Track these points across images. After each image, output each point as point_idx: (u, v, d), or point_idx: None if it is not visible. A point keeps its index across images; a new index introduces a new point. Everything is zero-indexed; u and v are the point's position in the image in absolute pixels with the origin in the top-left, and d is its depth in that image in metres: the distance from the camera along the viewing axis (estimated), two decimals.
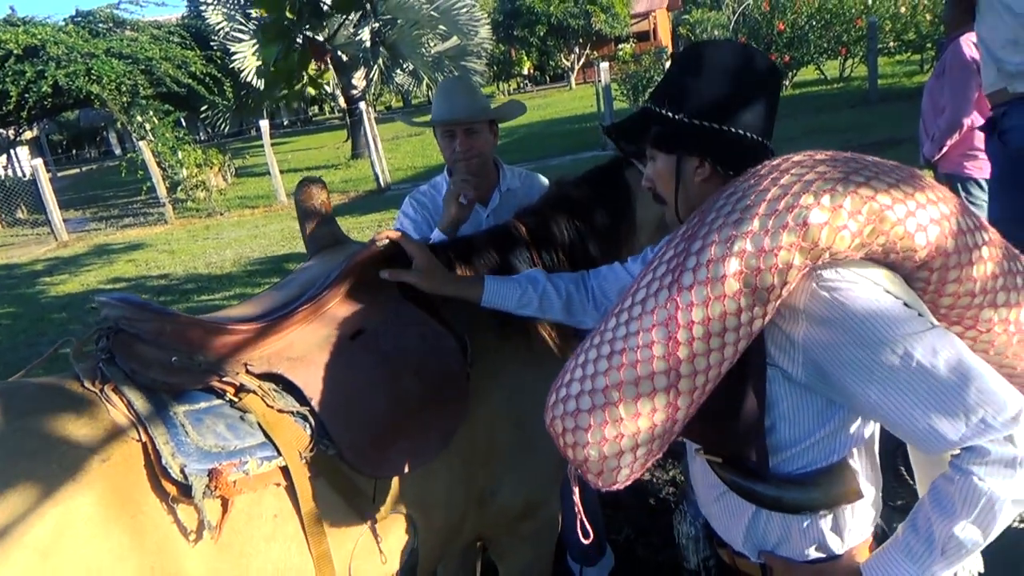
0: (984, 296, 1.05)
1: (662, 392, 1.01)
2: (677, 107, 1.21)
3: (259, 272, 7.99)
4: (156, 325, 1.37)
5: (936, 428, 0.95)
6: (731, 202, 1.02)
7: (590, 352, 1.08)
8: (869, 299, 0.99)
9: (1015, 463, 0.92)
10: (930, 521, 0.98)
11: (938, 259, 1.01)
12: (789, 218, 0.95)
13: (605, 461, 1.05)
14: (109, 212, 15.68)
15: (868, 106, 12.72)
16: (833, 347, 1.01)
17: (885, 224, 0.97)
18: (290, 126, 36.01)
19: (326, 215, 1.76)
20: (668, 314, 1.00)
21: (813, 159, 1.04)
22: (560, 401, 1.09)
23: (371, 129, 13.50)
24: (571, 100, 24.94)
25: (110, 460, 1.21)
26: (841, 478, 1.14)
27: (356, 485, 1.46)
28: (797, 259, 0.96)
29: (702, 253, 0.99)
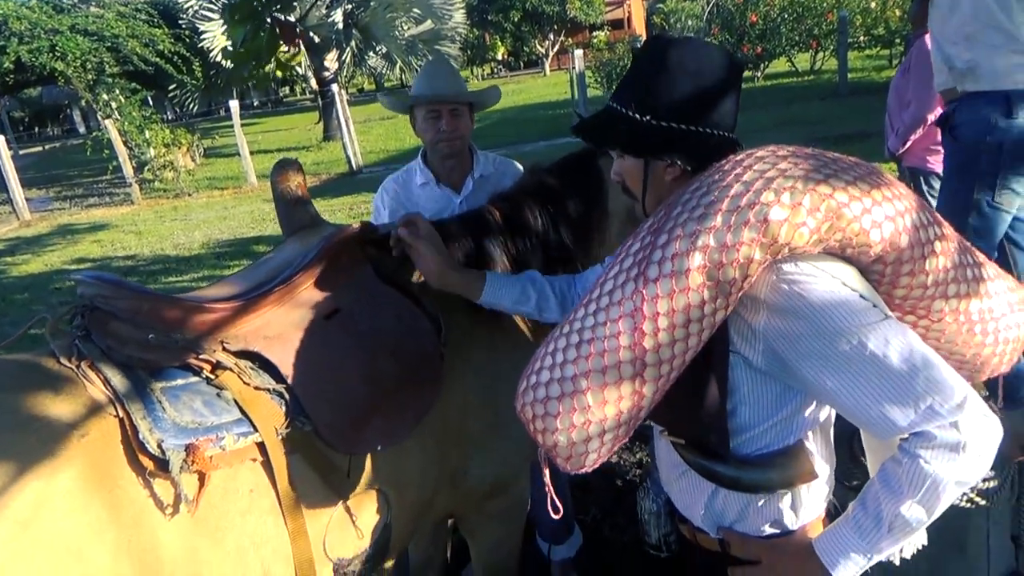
0: (936, 288, 1.11)
1: (628, 381, 1.06)
2: (643, 108, 1.22)
3: (228, 254, 7.91)
4: (132, 303, 1.38)
5: (887, 415, 1.00)
6: (695, 197, 1.06)
7: (559, 341, 1.12)
8: (826, 291, 1.04)
9: (959, 447, 0.97)
10: (879, 500, 1.03)
11: (892, 253, 1.06)
12: (751, 215, 1.00)
13: (574, 446, 1.11)
14: (73, 191, 15.36)
15: (838, 99, 12.90)
16: (791, 337, 1.06)
17: (842, 221, 1.02)
18: (260, 107, 35.48)
19: (302, 197, 1.78)
20: (634, 306, 1.04)
21: (775, 155, 1.08)
22: (531, 388, 1.14)
23: (343, 111, 13.38)
24: (545, 87, 24.92)
25: (88, 435, 1.23)
26: (797, 459, 1.19)
27: (331, 461, 1.49)
28: (758, 254, 1.01)
29: (667, 247, 1.04)
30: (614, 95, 1.29)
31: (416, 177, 2.36)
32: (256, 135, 21.04)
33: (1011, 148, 2.20)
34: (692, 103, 1.21)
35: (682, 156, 1.22)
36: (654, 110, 1.21)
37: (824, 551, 1.10)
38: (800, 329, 1.05)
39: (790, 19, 16.08)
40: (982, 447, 0.98)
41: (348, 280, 1.62)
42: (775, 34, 16.19)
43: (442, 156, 2.28)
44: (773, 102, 13.57)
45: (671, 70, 1.21)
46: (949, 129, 2.35)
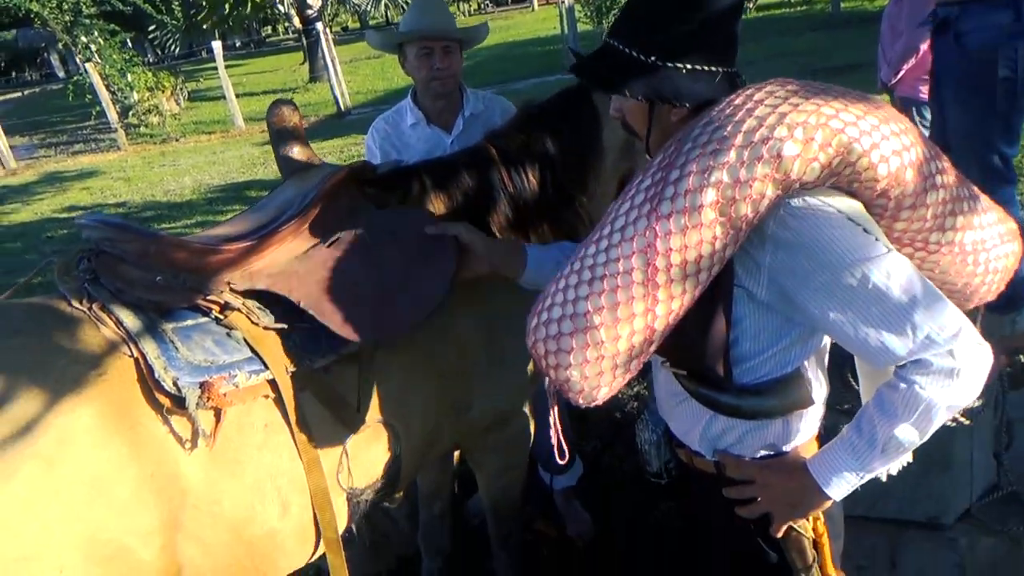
0: (934, 221, 1.14)
1: (640, 315, 1.07)
2: (646, 48, 1.18)
3: (220, 200, 7.87)
4: (139, 245, 1.40)
5: (886, 344, 1.04)
6: (707, 132, 1.06)
7: (571, 277, 1.13)
8: (832, 226, 1.06)
9: (953, 373, 1.01)
10: (873, 423, 1.07)
11: (896, 188, 1.08)
12: (764, 150, 1.00)
13: (586, 380, 1.12)
14: (58, 138, 15.12)
15: (830, 29, 12.70)
16: (797, 270, 1.08)
17: (852, 155, 1.03)
18: (243, 47, 34.63)
19: (299, 136, 1.78)
20: (647, 241, 1.05)
21: (786, 89, 1.07)
22: (542, 324, 1.14)
23: (329, 51, 13.12)
24: (534, 22, 24.37)
25: (106, 374, 1.27)
26: (795, 387, 1.22)
27: (341, 396, 1.54)
28: (770, 190, 1.02)
29: (680, 183, 1.04)
30: (612, 32, 1.25)
31: (407, 117, 2.35)
32: (240, 77, 20.61)
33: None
34: (697, 40, 1.17)
35: (688, 97, 1.18)
36: (658, 49, 1.17)
37: (818, 470, 1.14)
38: (806, 263, 1.07)
39: None
40: (975, 373, 1.02)
41: (349, 215, 1.63)
42: None
43: (435, 95, 2.27)
44: (765, 34, 13.35)
45: (673, 6, 1.18)
46: (954, 37, 2.30)
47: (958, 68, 2.37)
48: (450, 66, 2.21)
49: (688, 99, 1.18)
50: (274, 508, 1.45)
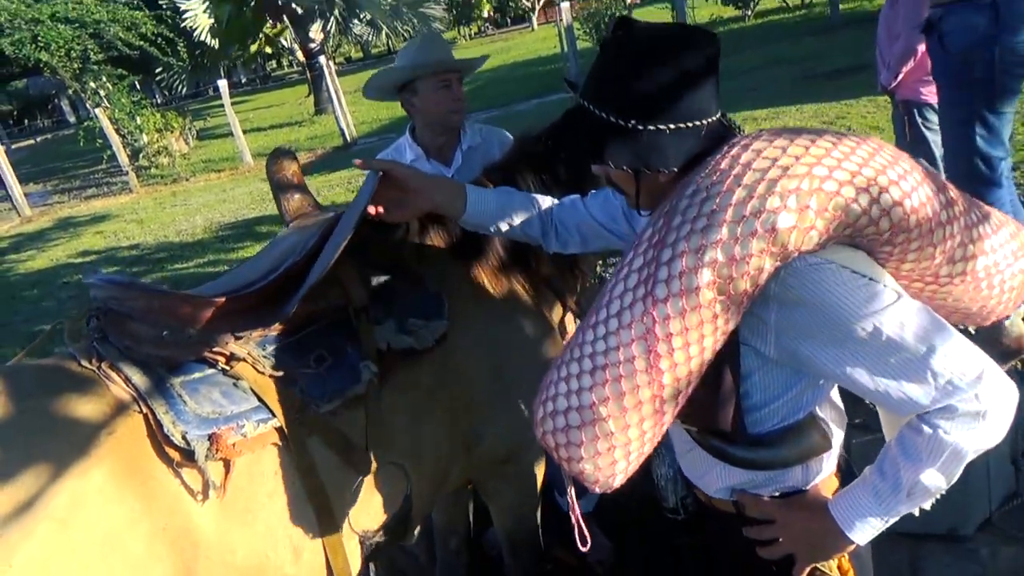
0: (944, 256, 1.10)
1: (648, 402, 1.04)
2: (622, 111, 1.12)
3: (231, 237, 7.95)
4: (145, 302, 1.43)
5: (908, 395, 1.00)
6: (696, 204, 1.02)
7: (571, 366, 1.09)
8: (836, 282, 1.02)
9: (979, 416, 0.97)
10: (897, 467, 1.03)
11: (901, 235, 1.04)
12: (758, 224, 0.96)
13: (600, 471, 1.09)
14: (71, 183, 15.36)
15: (830, 32, 12.72)
16: (805, 329, 1.05)
17: (850, 216, 0.99)
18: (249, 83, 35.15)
19: (299, 185, 1.81)
20: (646, 328, 1.01)
21: (774, 146, 1.02)
22: (548, 416, 1.11)
23: (333, 83, 13.28)
24: (534, 42, 24.57)
25: (116, 433, 1.29)
26: (808, 434, 1.19)
27: (349, 439, 1.55)
28: (768, 263, 0.99)
29: (673, 264, 1.00)
30: (585, 93, 1.18)
31: (406, 154, 2.38)
32: (247, 113, 20.89)
33: (1003, 53, 2.18)
34: (676, 98, 1.11)
35: (675, 159, 1.13)
36: (636, 112, 1.11)
37: (840, 514, 1.11)
38: (813, 321, 1.03)
39: None
40: (1002, 413, 0.99)
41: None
42: None
43: (450, 128, 2.27)
44: (764, 40, 13.42)
45: (650, 62, 1.11)
46: (938, 37, 2.33)
47: (943, 69, 2.40)
48: (463, 97, 2.23)
49: (675, 162, 1.13)
50: (286, 555, 1.46)
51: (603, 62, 1.17)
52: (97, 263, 8.00)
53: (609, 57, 1.16)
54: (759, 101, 8.48)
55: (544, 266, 1.93)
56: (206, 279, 6.43)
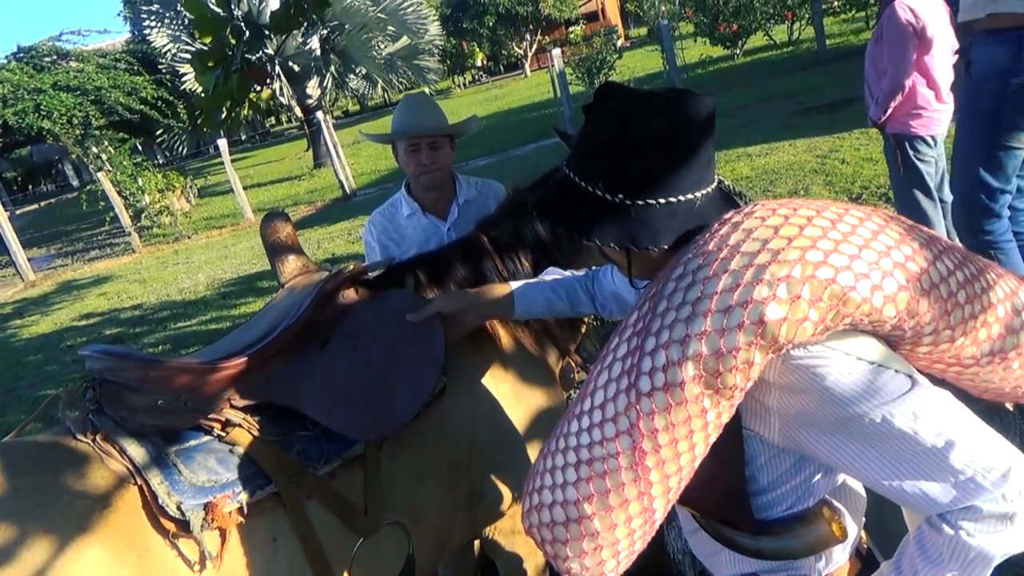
0: (964, 338, 1.00)
1: (635, 500, 0.98)
2: (610, 185, 1.06)
3: (233, 293, 7.98)
4: (139, 372, 1.43)
5: (926, 493, 0.91)
6: (681, 289, 0.94)
7: (556, 457, 1.04)
8: (841, 372, 0.94)
9: (1007, 519, 0.88)
10: (915, 568, 0.95)
11: (910, 320, 0.95)
12: (744, 316, 0.88)
13: (588, 571, 1.04)
14: (74, 246, 15.49)
15: (818, 67, 12.91)
16: (808, 419, 0.98)
17: (849, 306, 0.90)
18: (248, 140, 35.66)
19: (293, 246, 1.82)
20: (630, 422, 0.95)
21: (764, 224, 0.94)
22: (534, 509, 1.07)
23: (331, 137, 13.48)
24: (528, 88, 24.97)
25: (111, 506, 1.28)
26: (819, 523, 1.10)
27: (348, 501, 1.54)
28: (758, 357, 0.90)
29: (656, 355, 0.93)
30: (572, 163, 1.13)
31: (402, 208, 2.41)
32: (247, 169, 21.16)
33: (1017, 88, 2.18)
34: (669, 171, 1.04)
35: (666, 237, 1.05)
36: (625, 186, 1.05)
37: None
38: (817, 412, 0.96)
39: None
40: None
41: (342, 316, 1.67)
42: (749, 10, 16.23)
43: (425, 188, 2.33)
44: (754, 78, 13.61)
45: (637, 136, 1.05)
46: (966, 64, 2.42)
47: (965, 94, 2.47)
48: (436, 160, 2.28)
49: (666, 239, 1.06)
50: None
51: (589, 132, 1.11)
52: (100, 325, 8.02)
53: (594, 127, 1.10)
54: (753, 137, 8.57)
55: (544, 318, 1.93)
56: (209, 336, 6.43)
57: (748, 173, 7.00)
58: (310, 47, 17.12)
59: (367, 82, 19.64)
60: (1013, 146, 2.31)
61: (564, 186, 1.13)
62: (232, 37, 2.87)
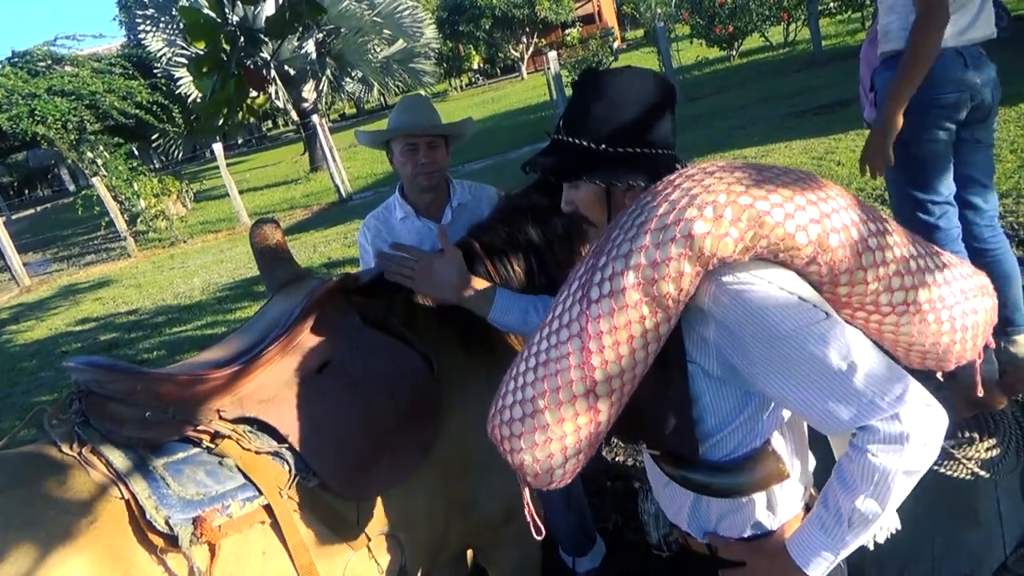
0: (880, 283, 1.13)
1: (581, 398, 1.12)
2: (597, 137, 1.29)
3: (229, 298, 7.95)
4: (126, 384, 1.41)
5: (831, 411, 1.04)
6: (631, 219, 1.13)
7: (520, 365, 1.20)
8: (765, 297, 1.08)
9: (903, 439, 1.00)
10: (836, 497, 1.07)
11: (824, 255, 1.09)
12: (676, 231, 1.05)
13: (538, 463, 1.18)
14: (70, 251, 15.44)
15: (814, 68, 12.92)
16: (738, 344, 1.10)
17: (764, 228, 1.05)
18: (245, 144, 35.59)
19: (283, 253, 1.80)
20: (580, 327, 1.11)
21: (703, 171, 1.13)
22: (498, 412, 1.22)
23: (327, 141, 13.46)
24: (524, 91, 24.97)
25: (97, 521, 1.26)
26: (765, 462, 1.22)
27: (339, 513, 1.52)
28: (687, 267, 1.06)
29: (605, 268, 1.11)
30: (560, 128, 1.36)
31: (396, 212, 2.39)
32: (243, 173, 21.14)
33: (914, 106, 2.28)
34: (641, 126, 1.29)
35: (641, 176, 1.28)
36: (609, 138, 1.29)
37: (796, 551, 1.13)
38: (744, 336, 1.09)
39: None
40: (926, 436, 1.01)
41: (336, 331, 1.64)
42: (745, 11, 16.24)
43: (421, 189, 2.31)
44: (750, 79, 13.62)
45: (616, 99, 1.29)
46: (874, 95, 2.47)
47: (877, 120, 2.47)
48: (434, 160, 2.26)
49: (639, 176, 1.28)
50: None
51: (575, 101, 1.34)
52: (96, 331, 7.99)
53: (580, 96, 1.33)
54: (749, 138, 8.57)
55: None
56: (205, 341, 6.40)
57: None
58: (306, 51, 17.09)
59: (363, 85, 19.61)
60: (927, 158, 2.36)
61: (552, 147, 1.36)
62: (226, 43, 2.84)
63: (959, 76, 2.29)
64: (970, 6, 2.29)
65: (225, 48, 3.06)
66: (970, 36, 2.30)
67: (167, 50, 17.12)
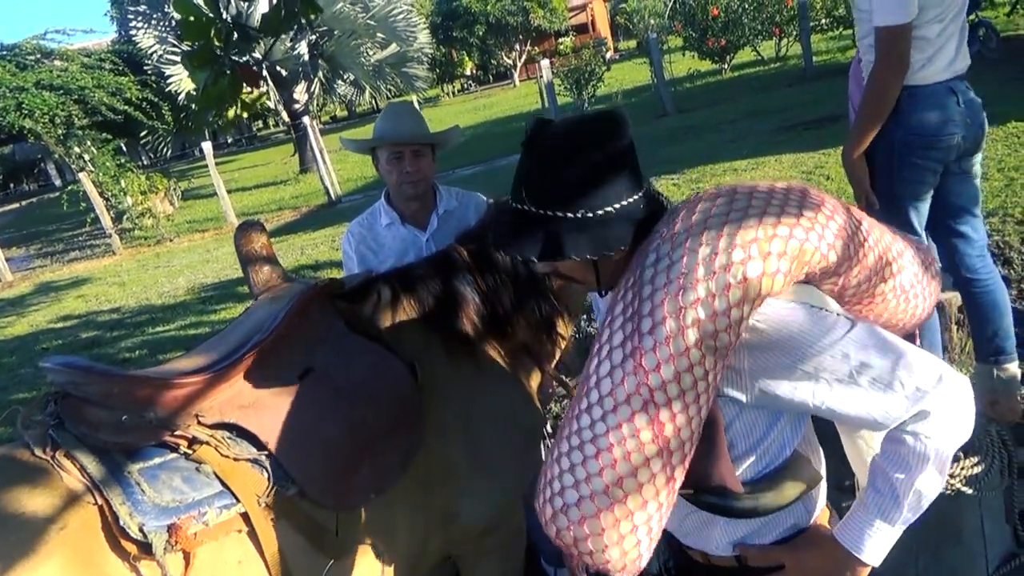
0: (876, 275, 1.18)
1: (660, 471, 1.04)
2: (572, 204, 1.12)
3: (214, 298, 7.87)
4: (103, 386, 1.38)
5: (885, 409, 1.05)
6: (662, 271, 1.03)
7: (573, 455, 1.06)
8: (798, 318, 1.08)
9: (950, 413, 1.05)
10: (891, 481, 1.09)
11: (844, 264, 1.12)
12: (729, 278, 0.99)
13: (626, 555, 1.07)
14: (54, 247, 15.27)
15: (805, 83, 12.99)
16: (778, 368, 1.08)
17: (806, 255, 1.05)
18: (235, 144, 35.42)
19: (268, 257, 1.78)
20: (644, 399, 1.01)
21: (716, 205, 1.07)
22: (559, 513, 1.08)
23: (317, 142, 13.40)
24: (516, 98, 24.98)
25: (68, 527, 1.22)
26: (800, 469, 1.23)
27: (318, 522, 1.49)
28: (746, 310, 1.02)
29: (657, 331, 1.01)
30: (523, 197, 1.16)
31: (381, 218, 2.37)
32: (232, 173, 21.00)
33: (900, 142, 2.29)
34: (618, 177, 1.15)
35: (628, 233, 1.15)
36: (588, 202, 1.13)
37: (848, 539, 1.13)
38: (784, 359, 1.07)
39: (751, 9, 16.24)
40: (965, 407, 1.07)
41: (320, 337, 1.62)
42: (738, 25, 16.34)
43: (406, 197, 2.29)
44: (741, 93, 13.68)
45: (580, 155, 1.13)
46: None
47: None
48: (419, 169, 2.24)
49: (629, 237, 1.15)
50: None
51: (534, 165, 1.17)
52: (77, 328, 7.89)
53: (538, 158, 1.16)
54: (739, 152, 8.59)
55: (520, 332, 1.90)
56: (187, 342, 6.34)
57: None
58: (298, 52, 17.05)
59: (355, 88, 19.58)
60: (908, 197, 2.37)
61: (524, 220, 1.16)
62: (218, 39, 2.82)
63: (952, 116, 2.28)
64: (955, 37, 2.28)
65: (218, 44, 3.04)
66: (957, 67, 2.30)
67: (158, 47, 17.02)
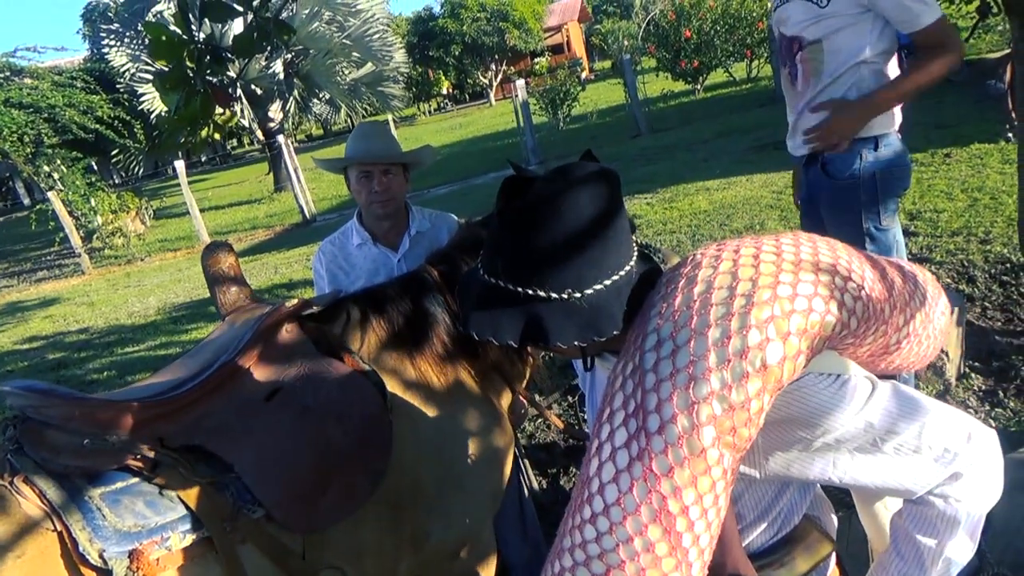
0: (891, 327, 1.08)
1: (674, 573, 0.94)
2: (560, 284, 0.98)
3: (184, 318, 7.78)
4: (64, 410, 1.36)
5: (915, 477, 0.98)
6: (666, 358, 0.90)
7: (579, 572, 0.94)
8: (816, 389, 0.98)
9: (979, 474, 0.98)
10: (916, 546, 1.02)
11: (861, 325, 1.01)
12: (747, 366, 0.87)
13: None
14: (21, 267, 15.01)
15: (775, 104, 13.17)
16: (795, 442, 1.01)
17: (827, 329, 0.93)
18: (209, 162, 35.18)
19: (235, 277, 1.77)
20: (656, 508, 0.89)
21: (719, 272, 0.93)
22: None
23: (292, 161, 13.35)
24: (492, 117, 25.13)
25: (26, 555, 1.20)
26: (810, 534, 1.16)
27: (284, 545, 1.47)
28: (766, 400, 0.90)
29: (667, 431, 0.88)
30: (502, 273, 1.01)
31: (352, 238, 2.37)
32: (206, 191, 20.85)
33: (882, 175, 2.34)
34: (605, 252, 1.00)
35: (619, 313, 1.01)
36: (579, 281, 0.99)
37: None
38: (803, 434, 0.99)
39: (723, 31, 16.56)
40: (996, 463, 1.00)
41: (288, 358, 1.61)
42: (710, 47, 16.64)
43: (376, 217, 2.29)
44: (713, 113, 13.89)
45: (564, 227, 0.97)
46: (821, 166, 2.42)
47: (829, 196, 2.46)
48: (389, 188, 2.24)
49: (620, 315, 1.01)
50: None
51: (519, 239, 1.00)
52: (44, 349, 7.75)
53: (514, 230, 1.00)
54: (712, 171, 8.70)
55: (491, 352, 1.90)
56: (157, 363, 6.25)
57: (706, 207, 7.09)
58: (273, 71, 17.01)
59: (331, 107, 19.55)
60: (894, 225, 2.42)
61: (495, 296, 1.02)
62: (191, 60, 2.81)
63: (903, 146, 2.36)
64: None
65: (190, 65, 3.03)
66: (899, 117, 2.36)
67: (131, 65, 16.90)
